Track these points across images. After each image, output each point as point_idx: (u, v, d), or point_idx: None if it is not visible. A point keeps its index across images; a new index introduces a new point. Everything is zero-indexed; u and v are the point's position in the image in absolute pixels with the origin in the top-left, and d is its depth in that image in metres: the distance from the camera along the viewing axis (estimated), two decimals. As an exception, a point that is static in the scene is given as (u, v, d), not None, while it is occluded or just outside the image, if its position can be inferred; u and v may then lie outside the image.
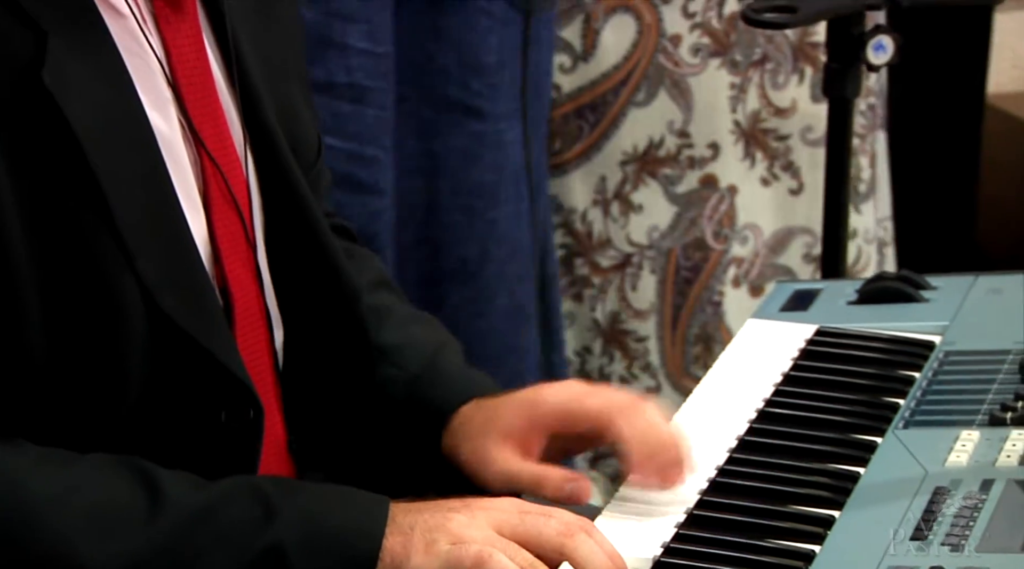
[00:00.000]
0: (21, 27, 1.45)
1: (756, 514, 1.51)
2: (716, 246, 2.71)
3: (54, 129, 1.45)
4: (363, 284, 1.77)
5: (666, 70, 2.66)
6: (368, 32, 2.45)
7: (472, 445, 1.62)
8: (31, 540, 1.39)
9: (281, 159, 1.64)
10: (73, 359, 1.48)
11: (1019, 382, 1.66)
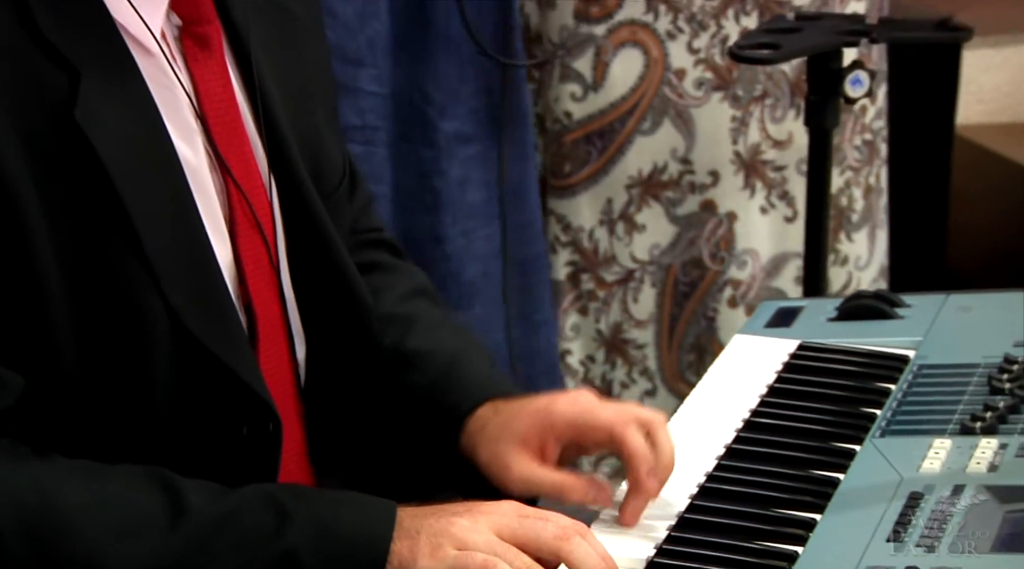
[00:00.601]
0: (56, 68, 1.45)
1: (743, 517, 1.51)
2: (713, 266, 2.71)
3: (85, 163, 1.45)
4: (399, 293, 1.77)
5: (671, 101, 2.66)
6: (376, 76, 2.46)
7: (491, 449, 1.61)
8: (63, 546, 1.39)
9: (301, 186, 1.63)
10: (102, 376, 1.48)
11: (988, 394, 1.66)
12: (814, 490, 1.54)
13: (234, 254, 1.57)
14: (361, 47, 2.44)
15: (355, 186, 1.81)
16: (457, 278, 2.62)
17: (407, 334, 1.73)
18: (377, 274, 1.77)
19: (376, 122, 2.47)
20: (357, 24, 2.44)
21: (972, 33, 2.43)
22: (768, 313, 1.90)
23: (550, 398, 1.63)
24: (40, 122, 1.44)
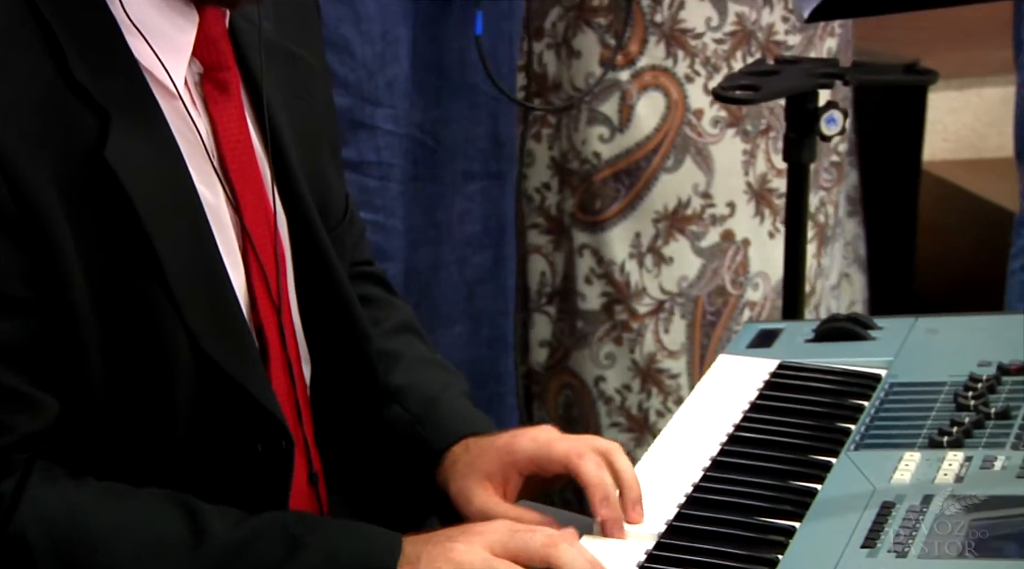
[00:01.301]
0: (87, 111, 1.45)
1: (727, 525, 1.50)
2: (734, 292, 2.71)
3: (115, 200, 1.45)
4: (386, 328, 1.76)
5: (691, 139, 2.66)
6: (393, 115, 2.46)
7: (458, 485, 1.61)
8: (90, 565, 1.39)
9: (309, 220, 1.63)
10: (129, 399, 1.48)
11: (954, 410, 1.65)
12: (793, 499, 1.53)
13: (247, 283, 1.57)
14: (379, 87, 2.44)
15: (352, 220, 1.80)
16: (446, 300, 2.62)
17: (392, 370, 1.72)
18: (368, 308, 1.75)
19: (391, 159, 2.48)
20: (376, 66, 2.44)
21: (937, 76, 2.43)
22: (750, 335, 1.90)
23: (512, 435, 1.62)
24: (72, 161, 1.43)
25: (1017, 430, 1.59)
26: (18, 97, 1.42)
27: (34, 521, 1.39)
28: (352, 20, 2.42)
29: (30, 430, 1.41)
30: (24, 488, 1.40)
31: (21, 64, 1.43)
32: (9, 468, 1.40)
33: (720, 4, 2.62)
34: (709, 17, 2.62)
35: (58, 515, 1.40)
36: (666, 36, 2.63)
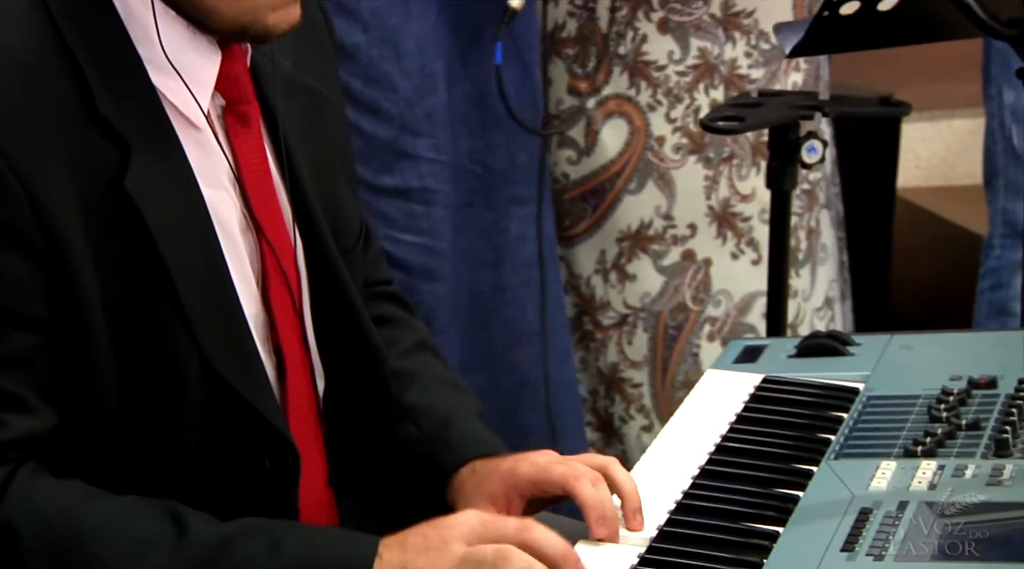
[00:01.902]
0: (109, 144, 1.45)
1: (714, 530, 1.50)
2: (694, 308, 2.70)
3: (133, 226, 1.45)
4: (402, 347, 1.75)
5: (653, 164, 2.66)
6: (434, 145, 2.46)
7: (465, 505, 1.59)
8: (80, 559, 1.38)
9: (324, 244, 1.63)
10: (141, 415, 1.47)
11: (928, 421, 1.65)
12: (777, 506, 1.52)
13: (264, 303, 1.56)
14: (419, 119, 2.45)
15: (369, 242, 1.79)
16: (515, 321, 2.62)
17: (407, 389, 1.70)
18: (385, 327, 1.75)
19: (435, 185, 2.48)
20: (415, 98, 2.44)
21: (910, 108, 2.43)
22: (736, 351, 1.89)
23: (515, 460, 1.61)
24: (94, 189, 1.43)
25: (987, 441, 1.59)
26: (44, 127, 1.42)
27: (22, 510, 1.38)
28: (393, 58, 2.42)
29: (24, 432, 1.40)
30: (13, 479, 1.39)
31: (48, 96, 1.43)
32: (1, 461, 1.39)
33: (682, 39, 2.62)
34: (671, 51, 2.62)
35: (46, 506, 1.39)
36: (630, 67, 2.63)
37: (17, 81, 1.42)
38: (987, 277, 3.08)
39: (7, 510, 1.37)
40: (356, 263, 1.70)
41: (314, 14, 1.65)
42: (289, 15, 1.51)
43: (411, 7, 2.41)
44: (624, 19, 2.61)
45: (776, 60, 2.65)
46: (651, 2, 2.60)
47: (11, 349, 1.40)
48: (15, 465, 1.40)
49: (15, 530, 1.37)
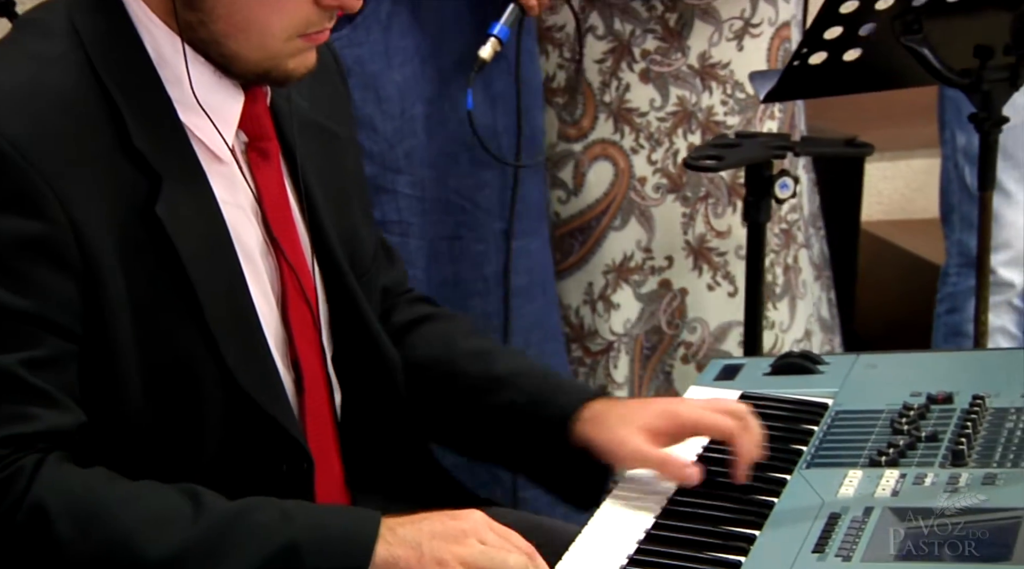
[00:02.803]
0: (141, 174, 1.45)
1: (697, 533, 1.49)
2: (669, 332, 2.69)
3: (163, 250, 1.45)
4: (464, 331, 1.74)
5: (635, 203, 2.65)
6: (411, 182, 2.45)
7: (612, 430, 1.58)
8: (103, 529, 1.37)
9: (339, 267, 1.63)
10: (165, 421, 1.47)
11: (891, 434, 1.64)
12: (754, 511, 1.52)
13: (284, 321, 1.56)
14: (399, 158, 2.44)
15: (393, 259, 1.79)
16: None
17: (492, 363, 1.69)
18: (437, 322, 1.75)
19: (411, 219, 2.46)
20: (395, 139, 2.43)
21: (873, 149, 2.44)
22: (716, 369, 1.88)
23: (666, 402, 1.64)
24: (126, 214, 1.43)
25: (944, 451, 1.58)
26: (83, 157, 1.42)
27: (51, 489, 1.37)
28: (374, 101, 2.42)
29: (53, 426, 1.39)
30: (42, 464, 1.38)
31: (87, 129, 1.43)
32: (31, 449, 1.38)
33: (662, 88, 2.61)
34: (653, 98, 2.61)
35: (73, 486, 1.38)
36: (614, 114, 2.62)
37: (59, 114, 1.42)
38: (944, 302, 3.08)
39: (37, 490, 1.36)
40: (372, 283, 1.70)
41: (327, 60, 1.65)
42: (307, 61, 1.51)
43: (392, 57, 2.41)
44: (609, 70, 2.61)
45: (751, 108, 2.64)
46: (633, 54, 2.60)
47: (44, 351, 1.39)
48: (43, 453, 1.39)
49: (45, 507, 1.36)
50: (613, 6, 2.58)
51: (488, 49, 2.37)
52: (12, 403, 1.38)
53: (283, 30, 1.47)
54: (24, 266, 1.38)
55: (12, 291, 1.38)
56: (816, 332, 2.82)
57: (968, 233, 2.97)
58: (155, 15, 1.48)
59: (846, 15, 2.11)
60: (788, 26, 2.68)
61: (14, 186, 1.38)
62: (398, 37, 2.41)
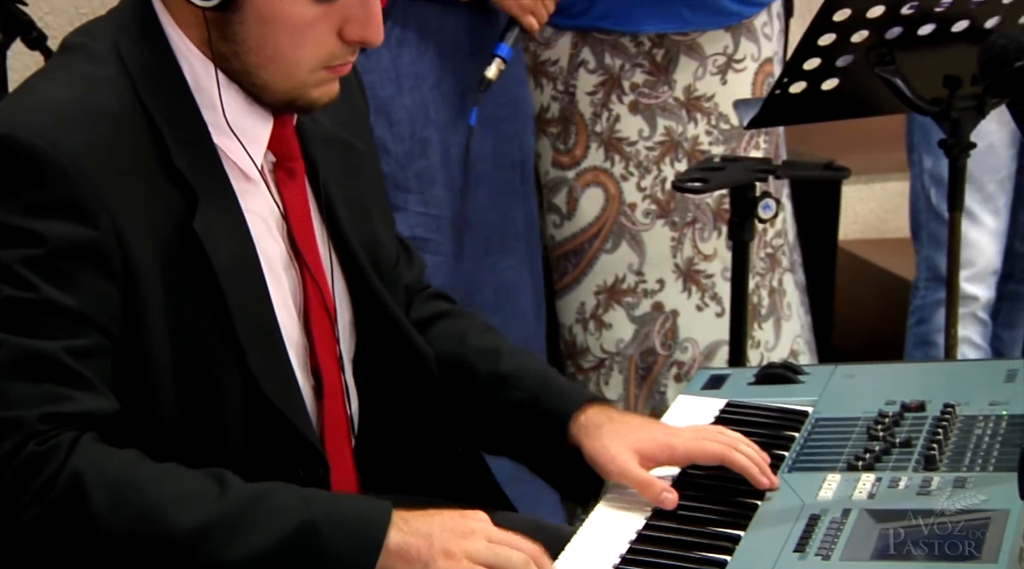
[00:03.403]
0: (179, 192, 1.46)
1: (685, 534, 1.49)
2: (663, 352, 2.69)
3: (198, 261, 1.45)
4: (476, 329, 1.73)
5: (626, 227, 2.65)
6: (422, 200, 2.45)
7: (604, 442, 1.57)
8: (135, 500, 1.37)
9: (363, 272, 1.62)
10: (193, 423, 1.47)
11: (867, 440, 1.64)
12: (739, 513, 1.51)
13: (305, 331, 1.56)
14: (409, 178, 2.43)
15: (412, 258, 1.79)
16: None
17: (497, 361, 1.68)
18: (452, 319, 1.74)
19: (424, 234, 2.45)
20: (406, 160, 2.43)
21: (849, 172, 2.43)
22: (703, 379, 1.88)
23: (664, 432, 1.60)
24: (166, 229, 1.44)
25: (917, 456, 1.58)
26: (128, 171, 1.43)
27: (88, 462, 1.37)
28: (386, 125, 2.42)
29: (89, 408, 1.40)
30: (79, 441, 1.38)
31: (132, 146, 1.45)
32: (69, 426, 1.39)
33: (650, 119, 2.60)
34: (641, 129, 2.61)
35: (108, 462, 1.38)
36: (605, 143, 2.62)
37: (108, 131, 1.43)
38: (914, 314, 3.08)
39: (74, 462, 1.36)
40: (396, 284, 1.69)
41: (348, 77, 1.65)
42: (331, 90, 1.52)
43: (402, 83, 2.40)
44: (600, 101, 2.61)
45: (735, 138, 2.64)
46: (623, 87, 2.60)
47: (84, 343, 1.40)
48: (80, 431, 1.39)
49: (82, 479, 1.36)
50: (604, 42, 2.58)
51: (493, 69, 2.38)
52: (55, 384, 1.38)
53: (309, 62, 1.48)
54: (72, 268, 1.39)
55: (60, 289, 1.39)
56: (803, 352, 2.82)
57: (935, 250, 2.97)
58: (193, 45, 1.49)
59: (824, 47, 2.11)
60: (771, 62, 2.68)
61: (67, 195, 1.39)
62: (407, 64, 2.41)
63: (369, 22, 1.47)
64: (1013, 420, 1.63)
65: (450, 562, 1.36)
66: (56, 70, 1.50)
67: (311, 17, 1.45)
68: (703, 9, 2.55)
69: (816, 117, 2.23)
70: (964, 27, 2.13)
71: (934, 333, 2.98)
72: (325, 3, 1.45)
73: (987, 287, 2.97)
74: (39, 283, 1.38)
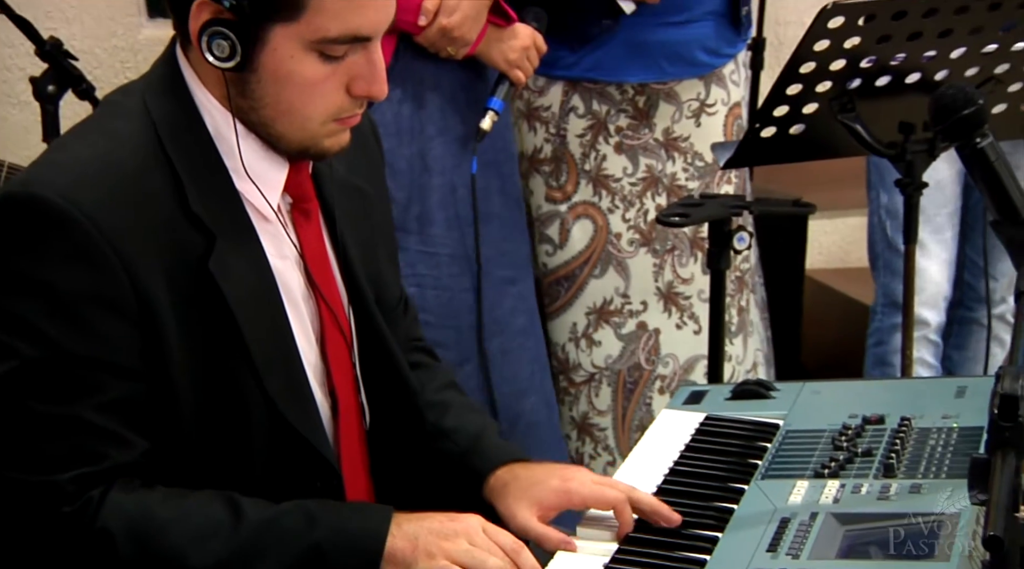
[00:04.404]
0: (198, 234, 1.44)
1: (668, 535, 1.49)
2: (647, 367, 2.68)
3: (214, 299, 1.44)
4: (436, 385, 1.72)
5: (612, 255, 2.65)
6: (422, 240, 2.44)
7: (507, 501, 1.55)
8: (157, 544, 1.37)
9: (368, 307, 1.61)
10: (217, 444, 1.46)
11: (832, 450, 1.63)
12: (716, 516, 1.51)
13: (322, 355, 1.55)
14: (410, 221, 2.43)
15: (408, 308, 1.79)
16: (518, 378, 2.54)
17: (443, 415, 1.68)
18: (421, 371, 1.73)
19: (424, 271, 2.44)
20: (407, 205, 2.42)
21: (815, 208, 2.44)
22: (684, 395, 1.87)
23: (562, 479, 1.54)
24: (183, 269, 1.43)
25: (877, 465, 1.57)
26: (143, 221, 1.42)
27: (114, 516, 1.37)
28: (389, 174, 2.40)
29: (118, 462, 1.39)
30: (107, 495, 1.38)
31: (150, 198, 1.43)
32: (98, 483, 1.38)
33: (633, 158, 2.61)
34: (625, 166, 2.62)
35: (133, 510, 1.38)
36: (593, 180, 2.62)
37: (124, 187, 1.42)
38: (872, 336, 3.07)
39: (103, 517, 1.37)
40: (396, 321, 1.69)
41: (364, 126, 1.65)
42: (341, 140, 1.51)
43: (403, 136, 2.39)
44: (588, 143, 2.62)
45: (708, 174, 2.64)
46: (609, 130, 2.61)
47: (110, 395, 1.39)
48: (109, 485, 1.39)
49: (110, 531, 1.36)
50: (592, 90, 2.60)
51: (487, 121, 2.39)
52: (83, 445, 1.38)
53: (320, 115, 1.47)
54: (90, 316, 1.38)
55: (80, 340, 1.38)
56: (761, 364, 2.83)
57: (891, 278, 2.97)
58: (215, 99, 1.48)
59: (792, 96, 2.12)
60: (739, 105, 2.70)
61: (82, 247, 1.38)
62: (407, 118, 2.41)
63: (374, 78, 1.46)
64: (963, 432, 1.63)
65: (430, 562, 1.36)
66: (88, 126, 1.50)
67: (320, 75, 1.44)
68: (679, 61, 2.58)
69: (785, 159, 2.23)
70: (916, 79, 2.13)
71: (891, 354, 2.98)
72: (333, 62, 1.44)
73: (938, 312, 2.97)
74: (58, 336, 1.36)
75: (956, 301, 3.03)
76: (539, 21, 2.45)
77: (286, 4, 1.41)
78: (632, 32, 2.55)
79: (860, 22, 2.04)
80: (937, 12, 2.06)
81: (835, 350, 3.72)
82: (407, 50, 2.37)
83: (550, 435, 2.59)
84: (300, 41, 1.42)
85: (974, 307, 3.06)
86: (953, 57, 2.13)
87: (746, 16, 2.66)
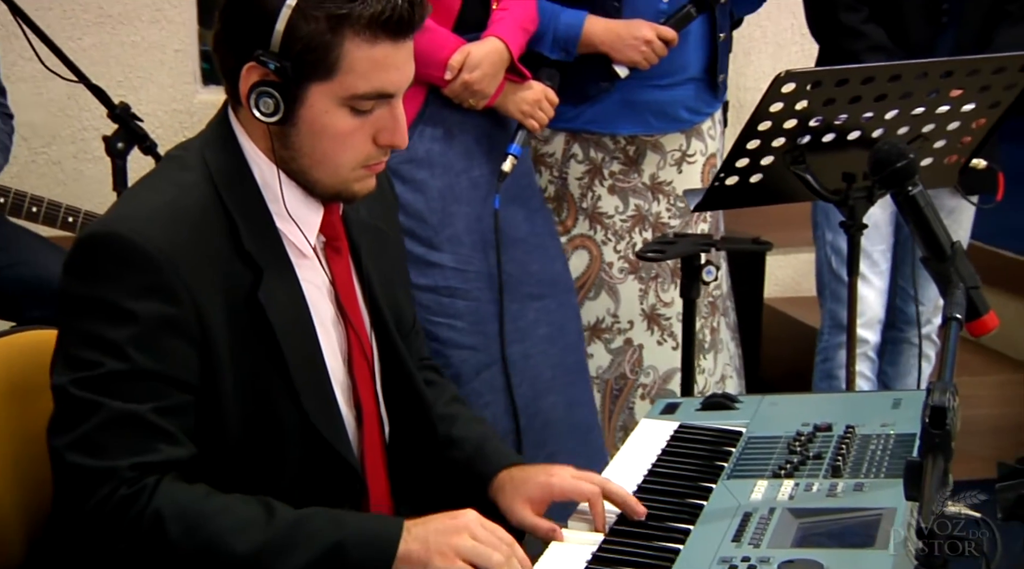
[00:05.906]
0: (248, 268, 1.44)
1: (648, 527, 1.47)
2: (631, 377, 2.69)
3: (262, 325, 1.43)
4: (445, 400, 1.71)
5: (605, 280, 2.66)
6: (454, 258, 2.42)
7: (506, 499, 1.55)
8: (204, 531, 1.36)
9: (388, 331, 1.61)
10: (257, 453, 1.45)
11: (787, 454, 1.62)
12: (689, 511, 1.50)
13: (349, 372, 1.54)
14: (443, 242, 2.37)
15: (419, 333, 1.77)
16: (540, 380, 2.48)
17: (451, 427, 1.67)
18: (431, 387, 1.71)
19: (456, 284, 2.40)
20: (439, 228, 2.37)
21: (772, 246, 2.44)
22: (661, 406, 1.86)
23: (547, 474, 1.54)
24: (235, 298, 1.42)
25: (826, 466, 1.56)
26: (205, 259, 1.42)
27: (166, 501, 1.36)
28: (423, 202, 2.41)
29: (171, 457, 1.38)
30: (160, 483, 1.37)
31: (209, 238, 1.43)
32: (153, 473, 1.38)
33: (624, 198, 2.63)
34: (617, 206, 2.63)
35: (182, 498, 1.37)
36: (589, 216, 2.64)
37: (190, 227, 1.42)
38: (820, 354, 3.07)
39: (156, 501, 1.36)
40: (412, 343, 1.68)
41: (380, 176, 1.65)
42: (369, 185, 1.51)
43: (434, 169, 2.39)
44: (586, 185, 2.64)
45: (688, 214, 2.67)
46: (604, 174, 2.63)
47: (170, 402, 1.39)
48: (162, 475, 1.38)
49: (162, 514, 1.35)
50: (589, 140, 2.62)
51: (507, 164, 2.39)
52: (142, 438, 1.37)
53: (350, 163, 1.47)
54: (160, 338, 1.38)
55: (149, 356, 1.38)
56: (730, 376, 2.82)
57: (835, 304, 2.98)
58: (261, 152, 1.48)
59: (751, 150, 2.12)
60: (715, 156, 2.72)
61: (157, 279, 1.38)
62: (437, 155, 2.41)
63: (396, 130, 1.47)
64: (899, 438, 1.62)
65: (444, 561, 1.35)
66: (155, 177, 1.50)
67: (351, 127, 1.45)
68: (664, 118, 2.62)
69: (746, 203, 2.24)
70: (857, 136, 2.14)
71: (836, 368, 2.99)
72: (361, 116, 1.45)
73: (874, 332, 2.99)
74: (134, 355, 1.37)
75: (889, 323, 3.04)
76: (552, 80, 2.47)
77: (322, 66, 1.42)
78: (625, 92, 2.58)
79: (808, 87, 2.05)
80: (874, 80, 2.07)
81: (789, 366, 3.71)
82: (436, 99, 2.38)
83: (569, 431, 2.52)
84: (334, 98, 1.43)
85: (905, 328, 3.06)
86: (888, 118, 2.13)
87: (722, 82, 2.68)
